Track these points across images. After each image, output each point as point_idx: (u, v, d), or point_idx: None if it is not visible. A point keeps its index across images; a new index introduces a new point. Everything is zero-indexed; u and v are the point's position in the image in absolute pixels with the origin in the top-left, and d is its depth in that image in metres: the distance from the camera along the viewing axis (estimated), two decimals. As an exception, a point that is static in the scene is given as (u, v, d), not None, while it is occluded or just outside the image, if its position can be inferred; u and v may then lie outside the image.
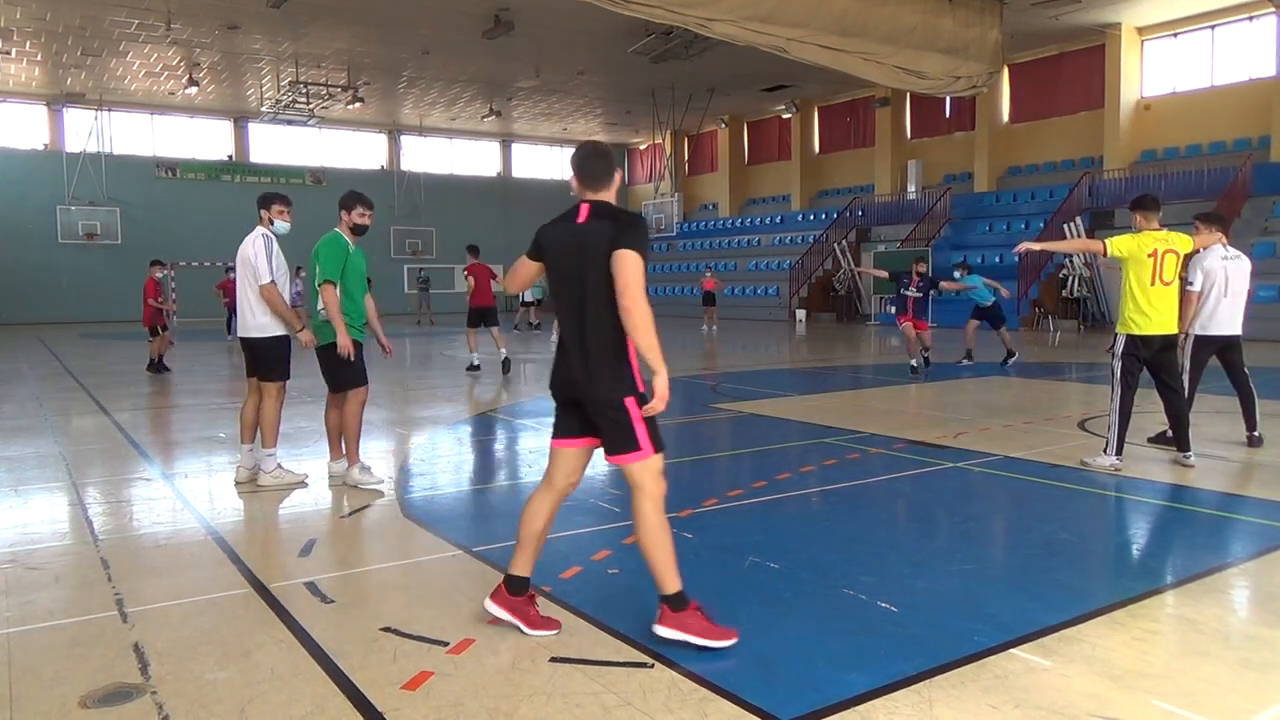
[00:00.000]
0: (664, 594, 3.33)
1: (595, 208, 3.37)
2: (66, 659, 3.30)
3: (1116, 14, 23.46)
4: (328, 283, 5.83)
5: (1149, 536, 5.04)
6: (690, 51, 23.37)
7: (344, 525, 5.21)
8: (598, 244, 3.24)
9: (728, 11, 15.82)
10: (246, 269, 5.99)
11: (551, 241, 3.44)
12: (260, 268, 5.91)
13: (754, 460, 7.19)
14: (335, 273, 5.85)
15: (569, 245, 3.36)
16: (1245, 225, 21.15)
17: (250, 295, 6.01)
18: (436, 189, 38.27)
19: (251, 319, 6.05)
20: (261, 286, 5.92)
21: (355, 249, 6.04)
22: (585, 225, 3.34)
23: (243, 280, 6.06)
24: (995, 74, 21.28)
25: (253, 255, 5.94)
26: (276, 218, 6.17)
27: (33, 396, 11.10)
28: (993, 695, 2.93)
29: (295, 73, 27.69)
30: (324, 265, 5.88)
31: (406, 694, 2.98)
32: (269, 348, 6.08)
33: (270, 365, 6.10)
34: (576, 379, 3.33)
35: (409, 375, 13.40)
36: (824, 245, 30.57)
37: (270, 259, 5.94)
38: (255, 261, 5.93)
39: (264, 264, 5.91)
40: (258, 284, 5.93)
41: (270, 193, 6.33)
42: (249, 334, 6.09)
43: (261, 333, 6.03)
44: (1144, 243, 6.24)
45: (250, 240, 6.03)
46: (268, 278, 5.91)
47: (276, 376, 6.14)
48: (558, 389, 3.47)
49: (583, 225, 3.34)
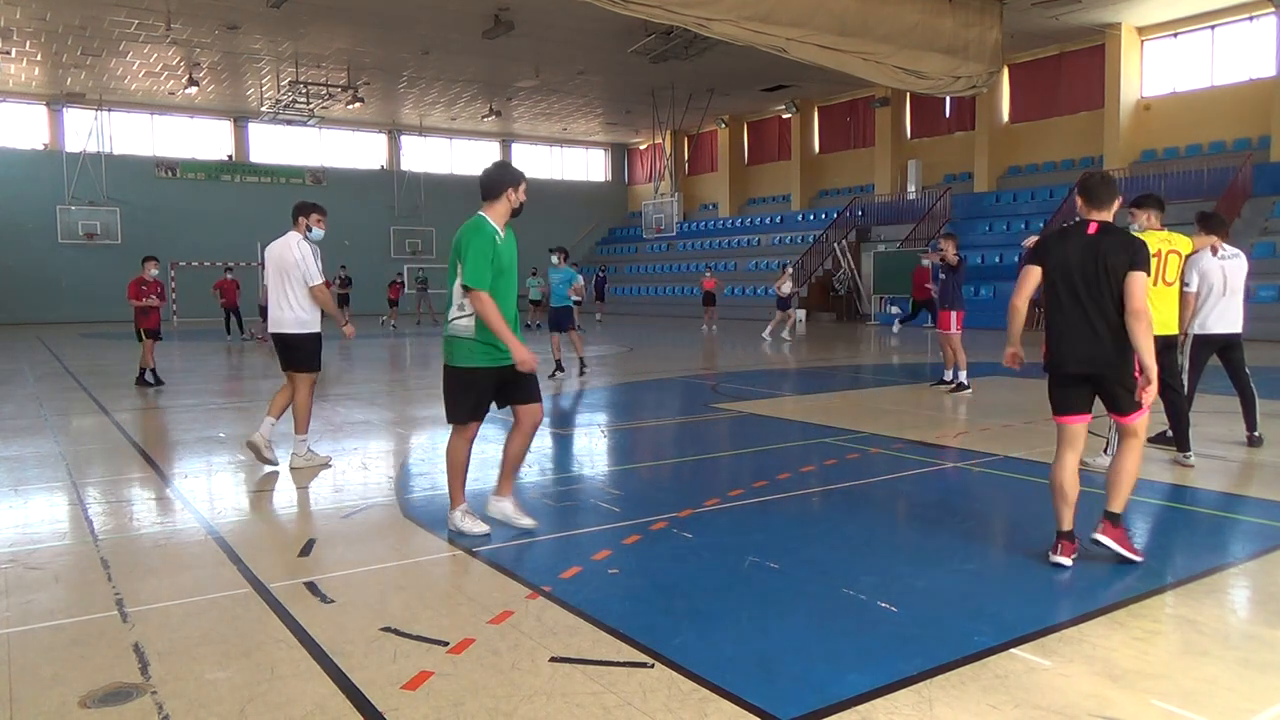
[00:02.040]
0: (1111, 510, 4.29)
1: (1103, 226, 4.27)
2: (66, 659, 3.30)
3: (1116, 14, 23.46)
4: (474, 289, 4.56)
5: (1149, 536, 5.03)
6: (690, 51, 23.37)
7: (344, 525, 5.21)
8: (1116, 258, 4.13)
9: (727, 11, 15.82)
10: (285, 270, 6.48)
11: (1062, 250, 4.28)
12: (310, 270, 6.47)
13: (754, 460, 7.19)
14: (484, 278, 4.55)
15: (1087, 255, 4.20)
16: (1245, 225, 21.16)
17: (288, 293, 6.50)
18: (436, 189, 38.26)
19: (289, 315, 6.51)
20: (314, 287, 6.49)
21: (506, 237, 4.81)
22: (1096, 239, 4.21)
23: (279, 280, 6.52)
24: (995, 74, 21.28)
25: (299, 258, 6.45)
26: (314, 225, 6.65)
27: (33, 396, 11.10)
28: (993, 695, 2.93)
29: (295, 73, 27.69)
30: (470, 265, 4.56)
31: (406, 694, 2.98)
32: (305, 342, 6.58)
33: (304, 359, 6.62)
34: (1104, 359, 4.20)
35: (409, 375, 13.40)
36: (824, 245, 30.59)
37: (317, 261, 6.53)
38: (304, 264, 6.45)
39: (313, 267, 6.49)
40: (308, 285, 6.48)
41: (307, 202, 6.81)
42: (284, 330, 6.54)
43: (298, 329, 6.53)
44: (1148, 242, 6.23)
45: (292, 245, 6.51)
46: (319, 279, 6.51)
47: (309, 369, 6.68)
48: (1073, 365, 4.26)
49: (1094, 238, 4.22)
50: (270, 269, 6.62)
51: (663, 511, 5.27)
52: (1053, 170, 27.57)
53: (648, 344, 19.71)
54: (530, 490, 6.06)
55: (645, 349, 18.32)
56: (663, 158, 38.32)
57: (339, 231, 20.07)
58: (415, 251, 37.02)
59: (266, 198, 34.77)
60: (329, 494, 6.02)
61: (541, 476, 6.45)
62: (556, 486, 6.11)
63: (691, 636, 3.43)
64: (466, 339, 4.66)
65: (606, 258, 39.50)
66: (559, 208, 42.07)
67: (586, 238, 43.03)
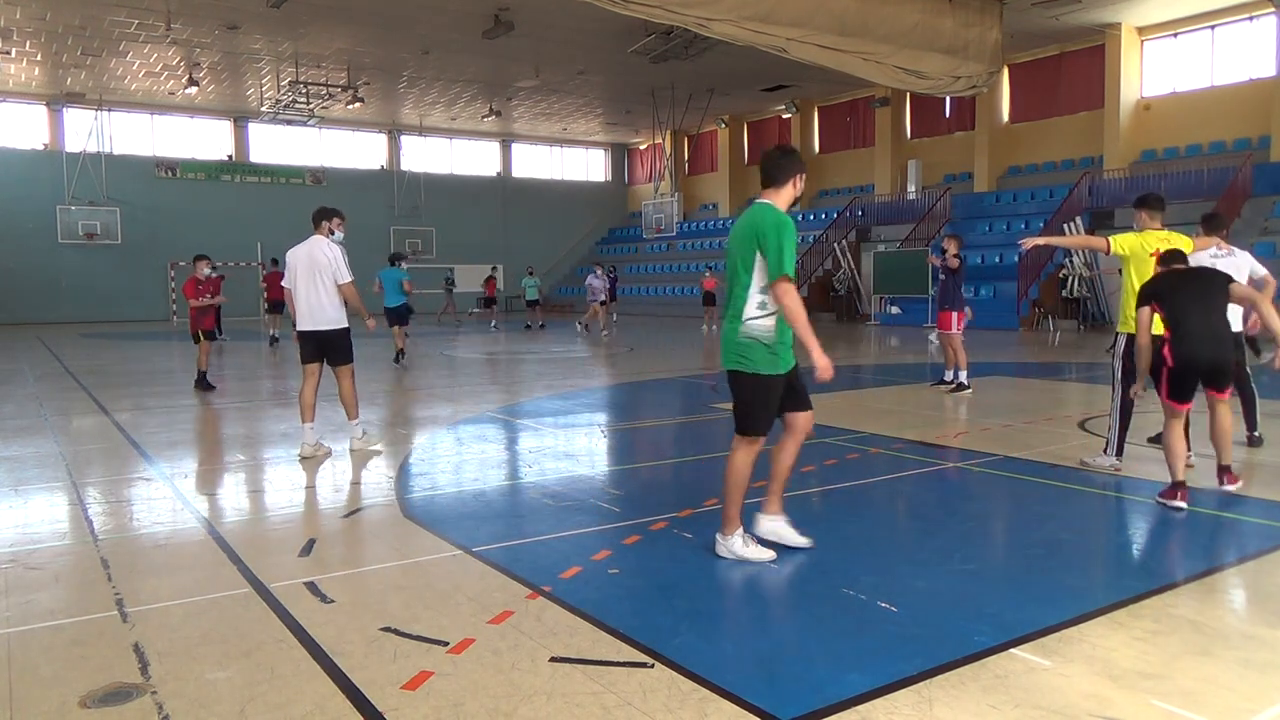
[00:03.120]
0: (1225, 464, 5.74)
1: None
2: (66, 659, 3.30)
3: (1116, 14, 23.46)
4: (784, 279, 4.12)
5: (1149, 536, 5.04)
6: (690, 51, 23.37)
7: (344, 525, 5.22)
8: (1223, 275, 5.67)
9: (727, 11, 15.81)
10: (318, 270, 7.02)
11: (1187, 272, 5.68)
12: (341, 269, 7.07)
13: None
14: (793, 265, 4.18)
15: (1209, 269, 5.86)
16: (1245, 225, 21.16)
17: (322, 293, 7.04)
18: (436, 189, 38.28)
19: (326, 314, 7.09)
20: (345, 284, 7.09)
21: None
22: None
23: (312, 281, 7.05)
24: (995, 74, 21.26)
25: (331, 259, 7.05)
26: (335, 229, 7.28)
27: (33, 396, 11.10)
28: (993, 695, 2.93)
29: (295, 73, 27.68)
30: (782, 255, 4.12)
31: (406, 694, 2.98)
32: (341, 337, 7.22)
33: (344, 352, 7.27)
34: (1225, 357, 5.44)
35: (408, 375, 13.40)
36: (824, 245, 30.59)
37: (346, 261, 7.14)
38: (335, 264, 7.04)
39: (343, 266, 7.09)
40: (339, 282, 7.07)
41: (328, 207, 7.42)
42: (322, 327, 7.11)
43: (335, 325, 7.15)
44: (1147, 242, 6.25)
45: (323, 246, 7.09)
46: (348, 277, 7.12)
47: (348, 360, 7.33)
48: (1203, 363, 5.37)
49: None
50: (300, 271, 7.08)
51: (663, 511, 5.27)
52: (1053, 170, 27.56)
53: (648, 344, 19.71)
54: (530, 490, 6.06)
55: (645, 349, 18.32)
56: (663, 158, 38.32)
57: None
58: (415, 251, 37.02)
59: (266, 198, 34.79)
60: (329, 494, 6.02)
61: (541, 477, 6.45)
62: (557, 486, 6.11)
63: (691, 636, 3.43)
64: (767, 343, 4.21)
65: (606, 258, 39.49)
66: (559, 208, 42.09)
67: (586, 238, 43.05)
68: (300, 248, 7.18)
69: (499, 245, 39.79)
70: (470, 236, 38.52)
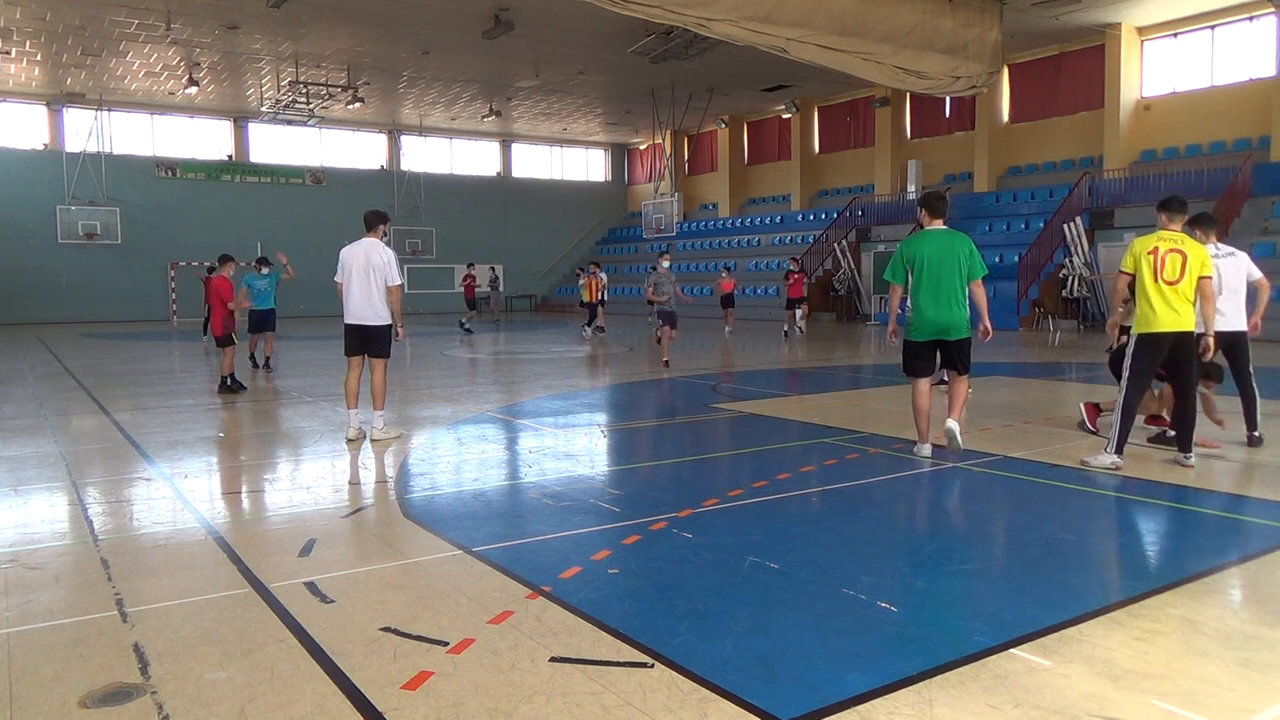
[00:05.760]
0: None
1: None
2: (66, 659, 3.30)
3: (1116, 14, 23.46)
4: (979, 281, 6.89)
5: (1149, 536, 5.04)
6: (690, 51, 23.36)
7: (344, 525, 5.21)
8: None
9: (727, 11, 15.82)
10: (373, 269, 7.61)
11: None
12: (393, 272, 7.70)
13: (754, 460, 7.19)
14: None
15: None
16: (1245, 225, 21.17)
17: (373, 290, 7.65)
18: (436, 189, 38.29)
19: (374, 310, 7.71)
20: (395, 287, 7.73)
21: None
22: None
23: (365, 278, 7.62)
24: (995, 74, 21.28)
25: (387, 261, 7.68)
26: (388, 231, 8.00)
27: (33, 396, 11.10)
28: (993, 695, 2.93)
29: (295, 73, 27.68)
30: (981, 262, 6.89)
31: (406, 694, 2.98)
32: (384, 333, 7.85)
33: (385, 346, 7.91)
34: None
35: (408, 375, 13.40)
36: (824, 245, 30.59)
37: (398, 266, 7.81)
38: (389, 266, 7.67)
39: (395, 270, 7.74)
40: (388, 285, 7.69)
41: (380, 211, 8.07)
42: (369, 321, 7.74)
43: (380, 321, 7.79)
44: (1146, 242, 6.25)
45: (379, 248, 7.70)
46: (398, 280, 7.77)
47: (386, 354, 7.96)
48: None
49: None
50: (355, 269, 7.64)
51: (663, 511, 5.27)
52: (1053, 170, 27.57)
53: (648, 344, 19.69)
54: (530, 490, 6.06)
55: (645, 349, 18.30)
56: (663, 158, 38.31)
57: (339, 232, 20.07)
58: (415, 251, 37.04)
59: (266, 198, 34.79)
60: (329, 494, 6.02)
61: (541, 476, 6.45)
62: (557, 486, 6.11)
63: (691, 636, 3.43)
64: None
65: (607, 258, 39.49)
66: (559, 208, 42.09)
67: (586, 238, 43.04)
68: (356, 246, 7.74)
69: (499, 245, 39.80)
70: (470, 237, 38.51)
